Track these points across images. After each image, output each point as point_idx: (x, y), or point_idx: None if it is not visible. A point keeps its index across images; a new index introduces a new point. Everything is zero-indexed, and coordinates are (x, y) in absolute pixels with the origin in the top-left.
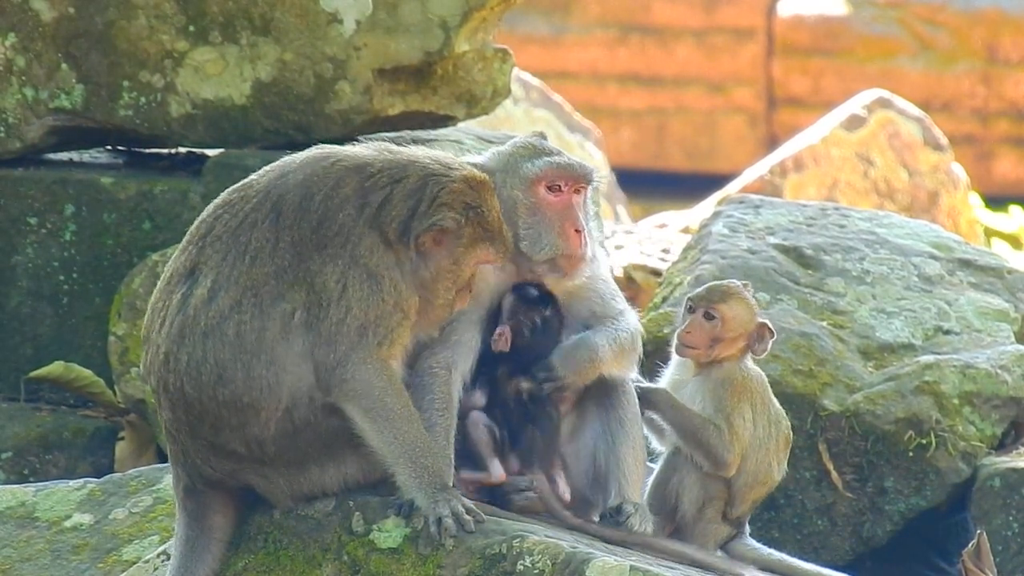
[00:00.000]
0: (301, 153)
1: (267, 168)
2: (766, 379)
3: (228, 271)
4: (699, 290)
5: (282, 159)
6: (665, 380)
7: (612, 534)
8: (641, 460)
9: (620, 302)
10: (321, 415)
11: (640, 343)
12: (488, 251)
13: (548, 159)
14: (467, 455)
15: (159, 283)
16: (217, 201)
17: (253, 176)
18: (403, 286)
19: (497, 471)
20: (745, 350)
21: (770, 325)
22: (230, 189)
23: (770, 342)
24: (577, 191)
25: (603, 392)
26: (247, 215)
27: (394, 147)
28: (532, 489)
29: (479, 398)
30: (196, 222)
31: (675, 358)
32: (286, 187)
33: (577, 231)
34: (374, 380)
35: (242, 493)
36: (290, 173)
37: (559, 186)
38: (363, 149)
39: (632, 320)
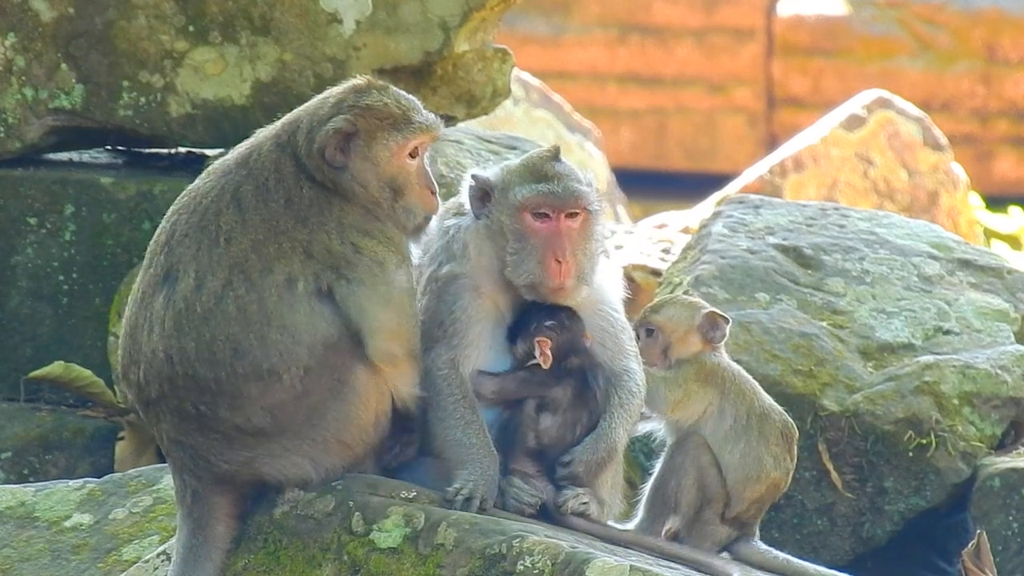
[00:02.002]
0: (229, 154)
1: (205, 172)
2: (747, 375)
3: (207, 258)
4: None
5: (212, 165)
6: None
7: (612, 534)
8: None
9: (628, 342)
10: (348, 358)
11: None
12: (398, 137)
13: (536, 186)
14: None
15: (128, 307)
16: (167, 215)
17: (193, 185)
18: (387, 228)
19: None
20: (706, 344)
21: (720, 312)
22: (177, 200)
23: (727, 327)
24: (571, 216)
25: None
26: (207, 208)
27: (297, 108)
28: (532, 505)
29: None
30: (152, 240)
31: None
32: (236, 182)
33: (558, 261)
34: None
35: (248, 494)
36: (231, 171)
37: (546, 214)
38: (268, 128)
39: (640, 378)
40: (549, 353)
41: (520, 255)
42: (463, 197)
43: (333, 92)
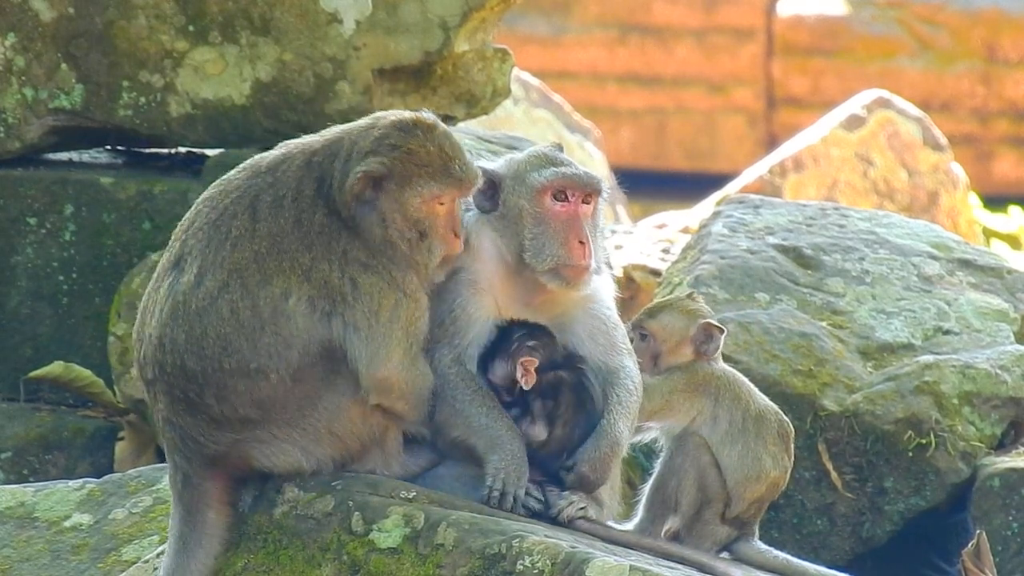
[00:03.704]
0: (270, 153)
1: (243, 166)
2: (740, 377)
3: (212, 256)
4: (643, 310)
5: (255, 158)
6: None
7: (614, 535)
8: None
9: (621, 339)
10: (341, 356)
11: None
12: (432, 186)
13: (555, 169)
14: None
15: (148, 286)
16: (198, 200)
17: (231, 173)
18: (394, 268)
19: None
20: (699, 355)
21: (716, 323)
22: (211, 186)
23: (721, 339)
24: (586, 201)
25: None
26: (226, 208)
27: (343, 125)
28: (533, 510)
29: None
30: (181, 222)
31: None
32: (259, 188)
33: (581, 242)
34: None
35: (239, 479)
36: (261, 174)
37: (565, 196)
38: (315, 137)
39: (635, 374)
40: (534, 373)
41: (540, 239)
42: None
43: (380, 123)
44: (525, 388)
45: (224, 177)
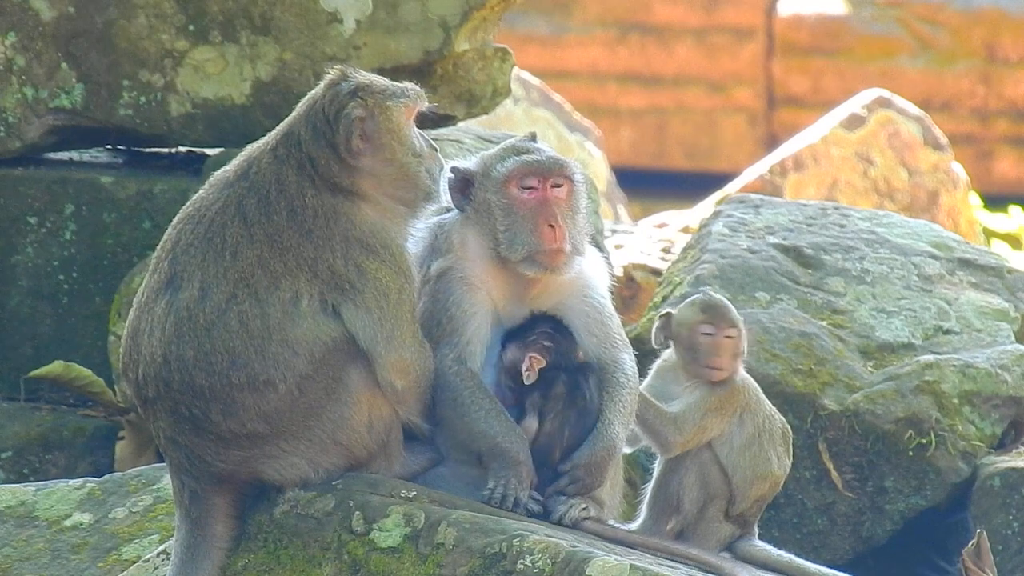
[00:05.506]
0: (227, 167)
1: (208, 184)
2: (754, 381)
3: (213, 269)
4: (712, 312)
5: (214, 176)
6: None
7: (619, 536)
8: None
9: (616, 330)
10: (344, 359)
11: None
12: (402, 105)
13: (518, 158)
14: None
15: (132, 308)
16: (172, 223)
17: (197, 195)
18: (395, 243)
19: None
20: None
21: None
22: (181, 210)
23: None
24: (556, 186)
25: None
26: (212, 220)
27: (284, 122)
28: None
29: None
30: (158, 247)
31: (662, 365)
32: (239, 194)
33: (551, 226)
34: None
35: (247, 493)
36: (233, 184)
37: (532, 184)
38: (257, 144)
39: (630, 367)
40: (536, 372)
41: (512, 229)
42: (444, 192)
43: (315, 95)
44: (527, 383)
45: (192, 200)
